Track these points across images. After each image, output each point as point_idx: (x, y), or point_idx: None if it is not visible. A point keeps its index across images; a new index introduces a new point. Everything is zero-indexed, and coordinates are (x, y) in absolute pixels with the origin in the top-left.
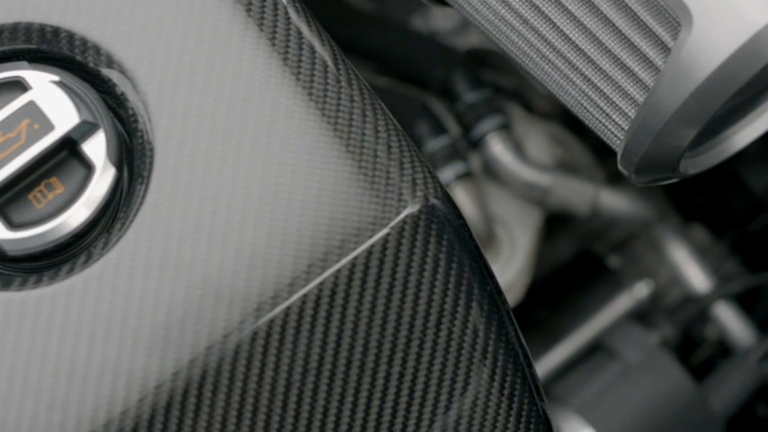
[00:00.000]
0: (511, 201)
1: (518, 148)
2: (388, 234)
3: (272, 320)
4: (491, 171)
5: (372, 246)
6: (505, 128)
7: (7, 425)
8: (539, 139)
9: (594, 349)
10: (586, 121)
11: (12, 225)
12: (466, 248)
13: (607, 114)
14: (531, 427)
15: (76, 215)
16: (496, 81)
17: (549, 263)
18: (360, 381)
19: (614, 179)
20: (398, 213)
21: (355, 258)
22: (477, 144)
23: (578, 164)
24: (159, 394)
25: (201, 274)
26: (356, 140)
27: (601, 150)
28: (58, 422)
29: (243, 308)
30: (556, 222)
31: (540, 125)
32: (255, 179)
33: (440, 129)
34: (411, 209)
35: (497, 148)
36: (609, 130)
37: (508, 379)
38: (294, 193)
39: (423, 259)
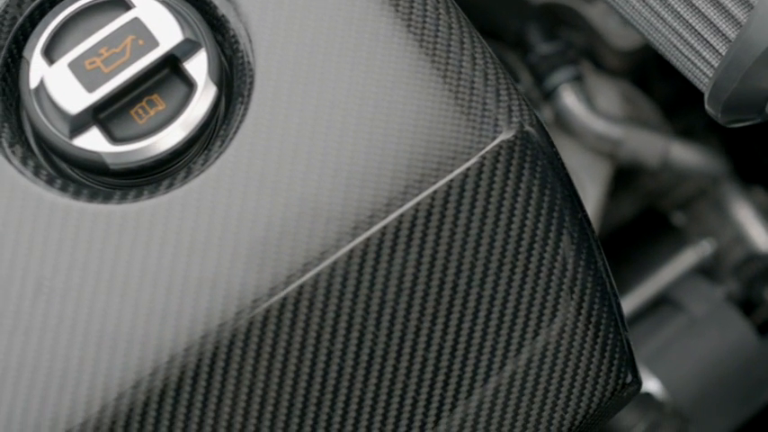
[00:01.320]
0: (581, 152)
1: (590, 100)
2: (483, 159)
3: (368, 239)
4: (562, 122)
5: (468, 169)
6: (578, 80)
7: (105, 335)
8: (609, 94)
9: (660, 302)
10: (674, 60)
11: (114, 139)
12: (558, 176)
13: (697, 52)
14: (616, 356)
15: (177, 132)
16: (568, 37)
17: (613, 220)
18: (452, 302)
19: (681, 137)
20: (494, 139)
21: (451, 181)
22: (549, 95)
23: (647, 120)
24: (256, 309)
25: (300, 193)
26: (454, 67)
27: (668, 108)
28: (157, 333)
29: (340, 226)
30: (620, 180)
31: (609, 81)
32: (354, 101)
33: (513, 79)
34: (506, 135)
35: (569, 99)
36: (698, 68)
37: (595, 308)
38: (392, 116)
39: (516, 184)
